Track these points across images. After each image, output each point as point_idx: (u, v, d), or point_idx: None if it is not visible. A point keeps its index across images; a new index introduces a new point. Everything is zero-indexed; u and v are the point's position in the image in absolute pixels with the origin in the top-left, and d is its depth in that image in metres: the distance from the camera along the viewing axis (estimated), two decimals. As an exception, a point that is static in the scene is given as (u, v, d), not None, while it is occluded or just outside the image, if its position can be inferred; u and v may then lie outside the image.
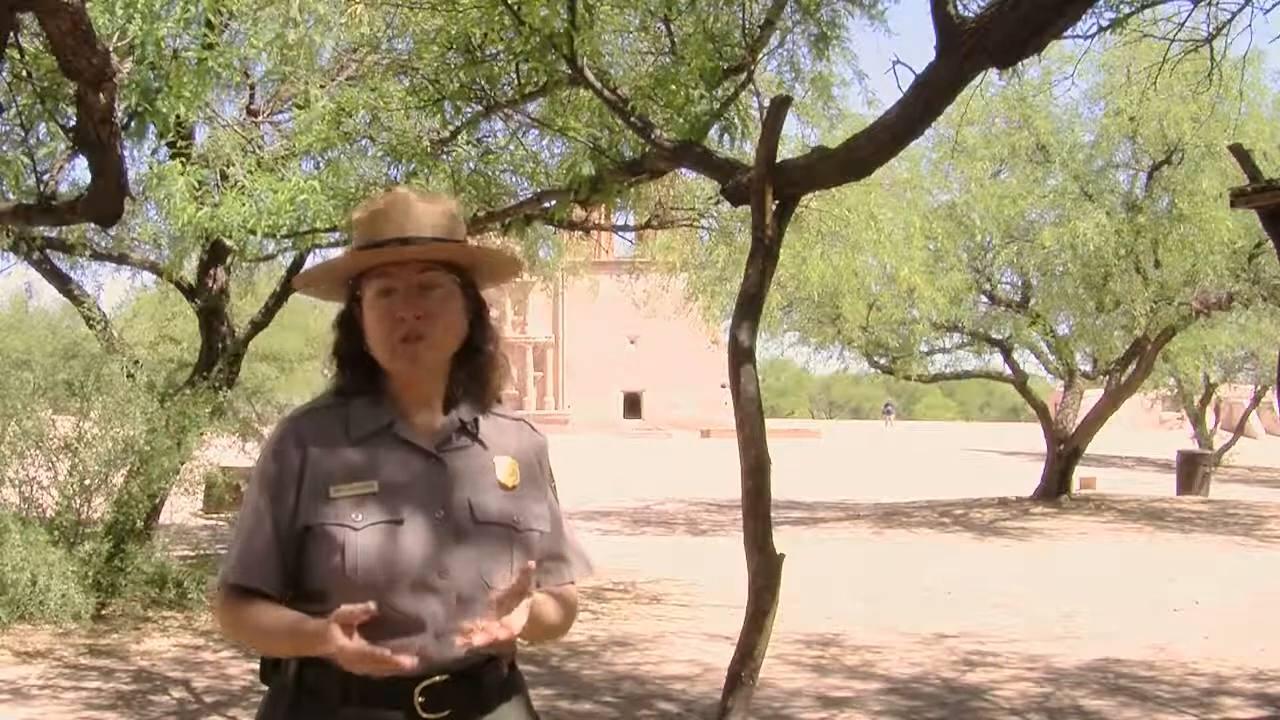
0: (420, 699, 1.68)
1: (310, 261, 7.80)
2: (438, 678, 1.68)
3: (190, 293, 9.04)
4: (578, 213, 8.24)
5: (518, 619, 1.65)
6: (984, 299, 16.21)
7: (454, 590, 1.72)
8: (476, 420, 1.82)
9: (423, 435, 1.79)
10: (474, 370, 1.82)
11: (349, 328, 1.81)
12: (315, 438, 1.76)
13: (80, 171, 8.00)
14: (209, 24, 4.55)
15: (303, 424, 1.79)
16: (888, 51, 4.75)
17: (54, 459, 7.59)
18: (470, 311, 1.82)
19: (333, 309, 1.87)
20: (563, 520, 1.91)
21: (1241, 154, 5.15)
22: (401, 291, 1.75)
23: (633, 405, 52.62)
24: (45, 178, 5.29)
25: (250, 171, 6.00)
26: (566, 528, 1.92)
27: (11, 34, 4.08)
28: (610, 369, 51.25)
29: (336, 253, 5.86)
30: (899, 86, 4.26)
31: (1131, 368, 16.08)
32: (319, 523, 1.71)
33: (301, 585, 1.74)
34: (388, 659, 1.57)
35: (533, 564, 1.71)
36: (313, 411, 1.81)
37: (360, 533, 1.70)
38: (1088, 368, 17.31)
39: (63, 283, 9.55)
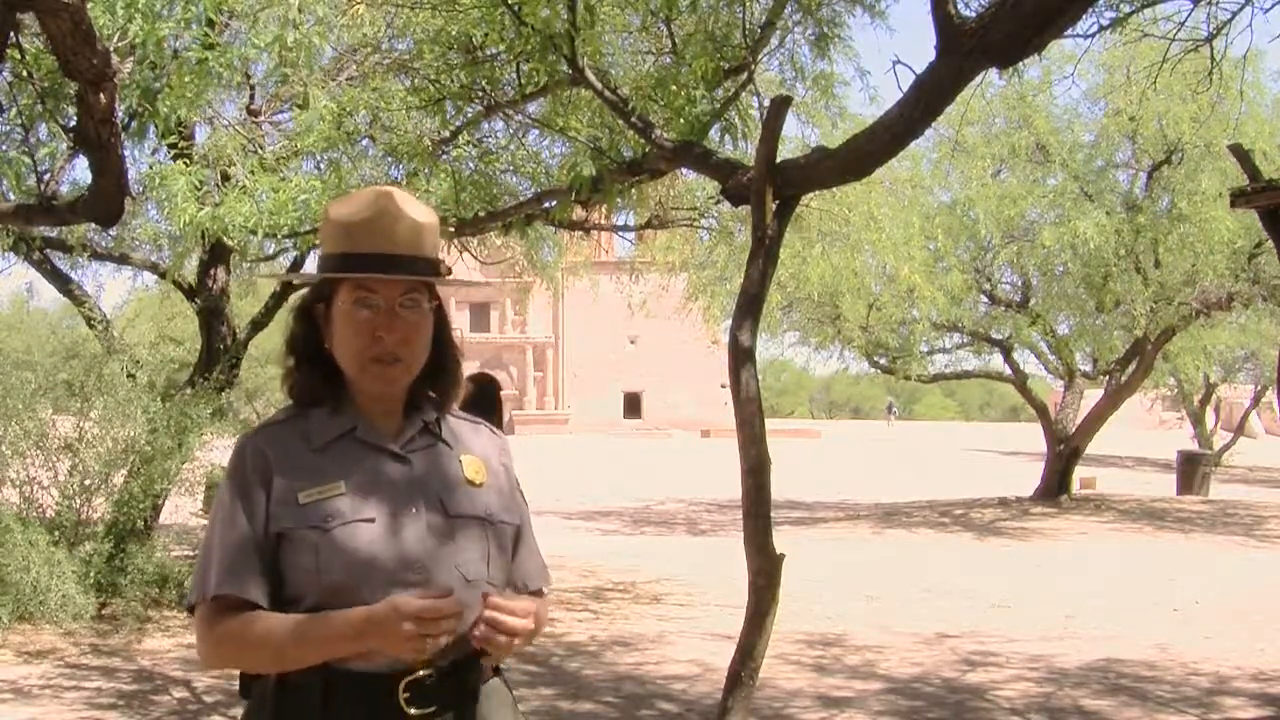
0: (405, 694, 1.66)
1: (311, 262, 7.80)
2: (422, 673, 1.67)
3: (190, 293, 9.04)
4: (578, 213, 8.25)
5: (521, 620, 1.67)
6: (984, 299, 16.22)
7: (432, 586, 1.70)
8: (438, 420, 1.82)
9: (387, 436, 1.78)
10: (434, 381, 1.82)
11: (310, 322, 1.79)
12: (277, 449, 1.75)
13: (81, 171, 8.01)
14: (210, 24, 4.56)
15: (262, 438, 1.77)
16: (888, 50, 4.76)
17: (54, 459, 7.58)
18: (434, 323, 1.81)
19: None
20: (530, 527, 1.90)
21: (1241, 154, 5.15)
22: (383, 309, 1.73)
23: (633, 405, 52.56)
24: (46, 178, 5.29)
25: (252, 172, 6.00)
26: (532, 533, 1.90)
27: (12, 34, 4.08)
28: (610, 369, 51.22)
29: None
30: (899, 86, 4.27)
31: (1131, 368, 16.09)
32: (290, 527, 1.69)
33: (277, 593, 1.72)
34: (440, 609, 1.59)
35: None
36: (271, 426, 1.80)
37: (331, 534, 1.68)
38: (1088, 368, 17.31)
39: (63, 283, 9.56)
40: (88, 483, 7.53)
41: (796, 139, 9.16)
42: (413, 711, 1.67)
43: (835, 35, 5.62)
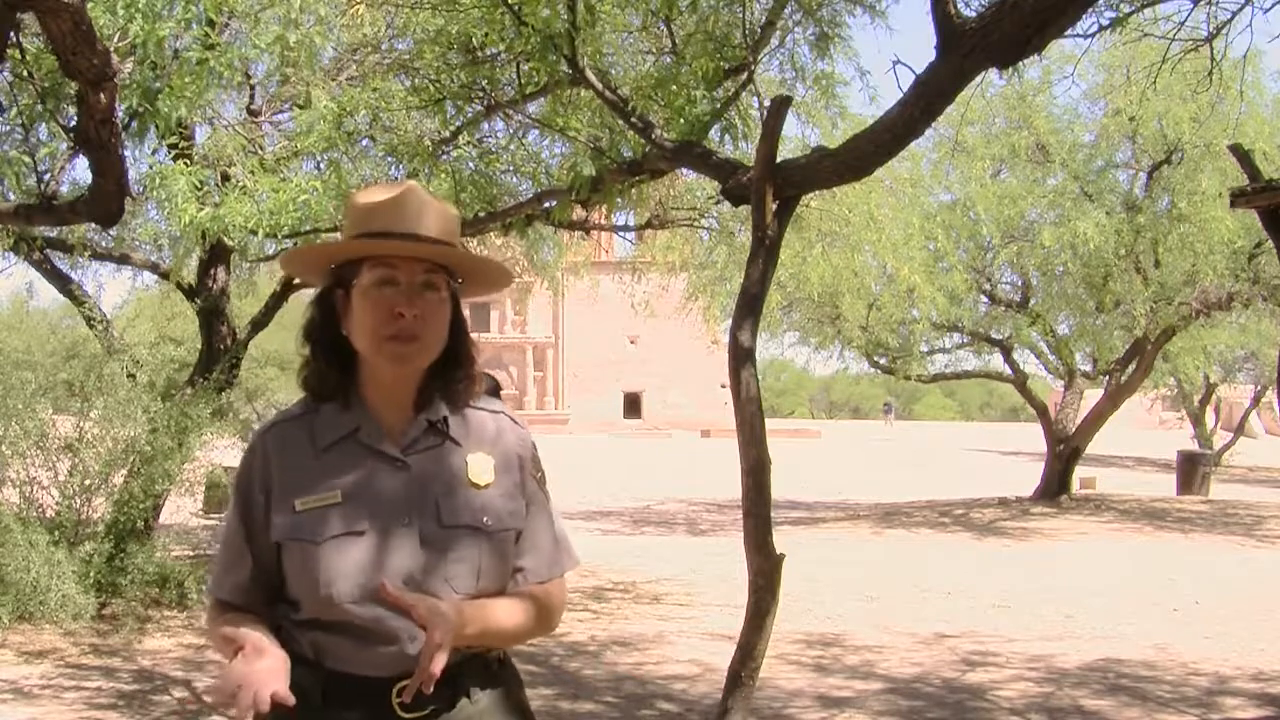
0: (398, 700, 1.68)
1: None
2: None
3: (190, 293, 9.04)
4: (578, 213, 8.24)
5: (439, 658, 1.60)
6: (984, 299, 16.22)
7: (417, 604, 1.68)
8: (446, 419, 1.80)
9: (390, 439, 1.77)
10: (447, 374, 1.81)
11: (328, 309, 1.79)
12: (283, 451, 1.77)
13: (81, 171, 8.02)
14: (210, 24, 4.56)
15: (271, 437, 1.80)
16: (888, 50, 4.77)
17: (54, 459, 7.58)
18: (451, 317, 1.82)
19: None
20: (547, 514, 1.87)
21: (1241, 154, 5.15)
22: (404, 286, 1.74)
23: (633, 405, 52.59)
24: (46, 178, 5.29)
25: (252, 172, 6.01)
26: (547, 521, 1.87)
27: (12, 34, 4.08)
28: (610, 369, 51.24)
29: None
30: (899, 86, 4.27)
31: (1131, 368, 16.09)
32: (285, 538, 1.73)
33: (283, 592, 1.77)
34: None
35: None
36: (282, 423, 1.82)
37: (322, 547, 1.70)
38: (1088, 368, 17.31)
39: (63, 283, 9.55)
40: (88, 483, 7.52)
41: (796, 139, 9.16)
42: (406, 716, 1.68)
43: (835, 35, 5.62)
